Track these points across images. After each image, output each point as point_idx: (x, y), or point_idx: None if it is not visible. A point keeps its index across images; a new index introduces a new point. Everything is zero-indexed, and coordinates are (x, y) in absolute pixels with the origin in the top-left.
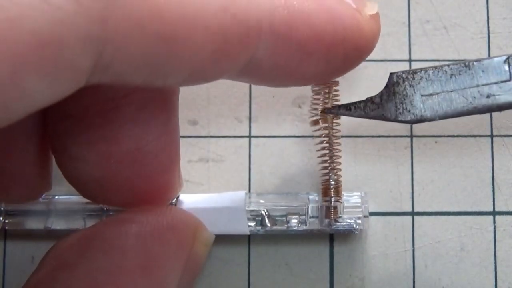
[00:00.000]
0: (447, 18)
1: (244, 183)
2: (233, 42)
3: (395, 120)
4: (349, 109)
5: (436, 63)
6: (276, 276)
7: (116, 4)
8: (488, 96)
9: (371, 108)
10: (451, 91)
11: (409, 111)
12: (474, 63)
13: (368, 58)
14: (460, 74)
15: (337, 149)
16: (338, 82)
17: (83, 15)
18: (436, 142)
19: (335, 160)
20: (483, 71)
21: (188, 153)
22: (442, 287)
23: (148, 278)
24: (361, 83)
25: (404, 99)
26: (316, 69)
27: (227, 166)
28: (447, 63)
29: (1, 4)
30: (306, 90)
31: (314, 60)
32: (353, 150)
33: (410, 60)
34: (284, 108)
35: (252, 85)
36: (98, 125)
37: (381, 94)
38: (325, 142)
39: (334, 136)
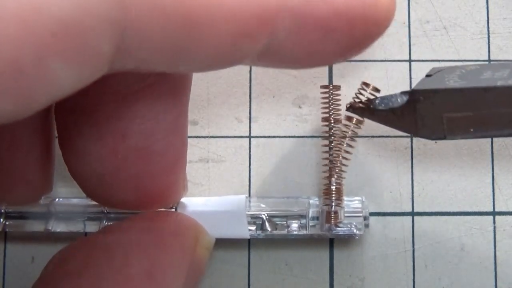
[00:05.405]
0: (447, 18)
1: (244, 183)
2: (253, 24)
3: (415, 135)
4: (372, 113)
5: (436, 64)
6: (276, 276)
7: None
8: (511, 121)
9: (391, 119)
10: (472, 114)
11: (430, 128)
12: (497, 85)
13: (368, 58)
14: (479, 98)
15: (338, 155)
16: (339, 86)
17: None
18: (436, 142)
19: (337, 165)
20: (505, 95)
21: (188, 153)
22: (442, 287)
23: (153, 285)
24: None
25: (425, 117)
26: (337, 47)
27: (227, 166)
28: (468, 85)
29: None
30: (306, 90)
31: (334, 38)
32: (353, 150)
33: (410, 61)
34: (284, 108)
35: (252, 85)
36: (107, 120)
37: (402, 108)
38: (327, 146)
39: (339, 140)
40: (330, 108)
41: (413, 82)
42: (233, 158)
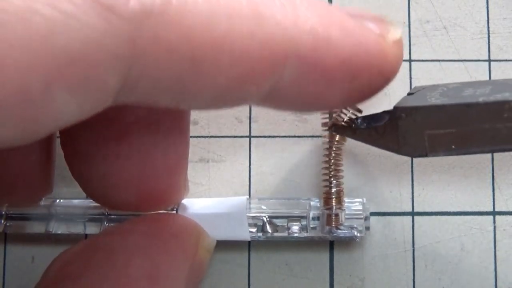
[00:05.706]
0: (447, 18)
1: (244, 183)
2: (259, 67)
3: (398, 152)
4: (354, 132)
5: (436, 64)
6: (276, 276)
7: (144, 25)
8: (493, 138)
9: (374, 137)
10: (454, 131)
11: (412, 146)
12: (479, 101)
13: None
14: (461, 114)
15: (339, 159)
16: None
17: (113, 35)
18: None
19: (337, 168)
20: (487, 111)
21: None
22: (442, 287)
23: (154, 287)
24: None
25: (408, 134)
26: (341, 96)
27: (227, 166)
28: (450, 101)
29: (35, 19)
30: None
31: (339, 87)
32: (353, 150)
33: (410, 61)
34: None
35: None
36: (110, 121)
37: (384, 126)
38: (328, 150)
39: (338, 144)
40: (331, 111)
41: (413, 82)
42: (233, 158)
